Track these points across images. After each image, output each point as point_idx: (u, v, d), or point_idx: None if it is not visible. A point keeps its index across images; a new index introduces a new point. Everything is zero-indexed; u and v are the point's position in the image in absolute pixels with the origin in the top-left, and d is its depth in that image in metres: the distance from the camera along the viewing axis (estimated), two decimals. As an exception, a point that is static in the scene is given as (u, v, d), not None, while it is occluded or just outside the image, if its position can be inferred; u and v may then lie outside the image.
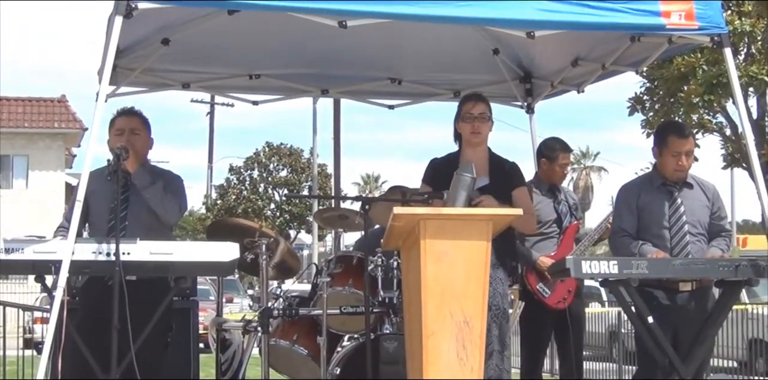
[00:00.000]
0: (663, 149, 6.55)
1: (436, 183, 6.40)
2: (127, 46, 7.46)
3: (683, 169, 6.55)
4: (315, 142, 31.50)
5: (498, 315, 6.47)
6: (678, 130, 6.64)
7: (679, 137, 6.54)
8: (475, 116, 6.55)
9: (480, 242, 5.60)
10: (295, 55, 8.21)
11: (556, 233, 7.88)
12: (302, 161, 43.94)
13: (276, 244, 7.37)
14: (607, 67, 7.61)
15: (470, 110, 6.57)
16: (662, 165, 6.58)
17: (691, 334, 6.28)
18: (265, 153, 44.80)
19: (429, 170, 6.69)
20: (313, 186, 34.61)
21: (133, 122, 6.40)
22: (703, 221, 6.56)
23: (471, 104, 6.61)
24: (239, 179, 44.80)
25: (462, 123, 6.58)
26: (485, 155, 6.64)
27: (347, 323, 7.12)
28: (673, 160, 6.52)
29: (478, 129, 6.56)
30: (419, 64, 8.55)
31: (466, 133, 6.58)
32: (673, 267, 5.97)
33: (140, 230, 6.12)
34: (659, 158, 6.60)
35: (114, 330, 5.45)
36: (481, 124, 6.56)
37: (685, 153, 6.53)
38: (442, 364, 5.49)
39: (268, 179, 44.32)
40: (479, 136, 6.58)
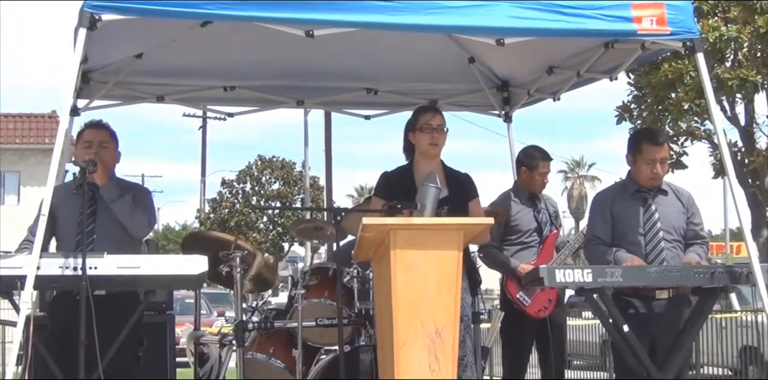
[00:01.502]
0: (637, 156, 6.49)
1: (390, 197, 6.32)
2: (100, 59, 7.42)
3: (658, 177, 6.49)
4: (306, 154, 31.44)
5: (469, 326, 6.51)
6: (652, 137, 6.58)
7: (653, 145, 6.48)
8: (434, 127, 6.51)
9: (451, 251, 5.54)
10: (270, 66, 8.17)
11: (537, 242, 7.82)
12: (294, 173, 43.89)
13: (252, 257, 7.30)
14: (582, 74, 7.56)
15: (429, 120, 6.52)
16: (636, 173, 6.52)
17: (669, 342, 6.23)
18: (258, 166, 44.75)
19: (381, 184, 6.62)
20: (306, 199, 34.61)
21: (101, 135, 6.33)
22: (678, 227, 6.50)
23: (430, 115, 6.56)
24: (232, 192, 44.73)
25: (420, 134, 6.52)
26: (440, 166, 6.61)
27: (325, 335, 7.05)
28: (648, 167, 6.46)
29: (437, 140, 6.52)
30: (395, 74, 8.50)
31: (424, 144, 6.52)
32: (648, 275, 5.92)
33: (108, 243, 6.06)
34: (633, 166, 6.55)
35: (81, 345, 5.37)
36: (440, 135, 6.52)
37: (660, 161, 6.47)
38: (414, 376, 5.42)
39: (260, 192, 44.26)
40: (437, 147, 6.55)
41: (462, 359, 6.38)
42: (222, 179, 45.37)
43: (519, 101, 8.61)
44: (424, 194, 6.12)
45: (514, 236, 7.79)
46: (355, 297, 6.97)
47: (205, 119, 48.02)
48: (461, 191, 6.56)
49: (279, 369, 7.13)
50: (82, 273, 5.41)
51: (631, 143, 6.57)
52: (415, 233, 5.51)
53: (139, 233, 6.28)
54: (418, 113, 6.62)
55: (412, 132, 6.55)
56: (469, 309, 6.54)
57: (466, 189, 6.63)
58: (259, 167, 44.70)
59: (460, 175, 6.68)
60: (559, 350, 7.85)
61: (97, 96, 7.92)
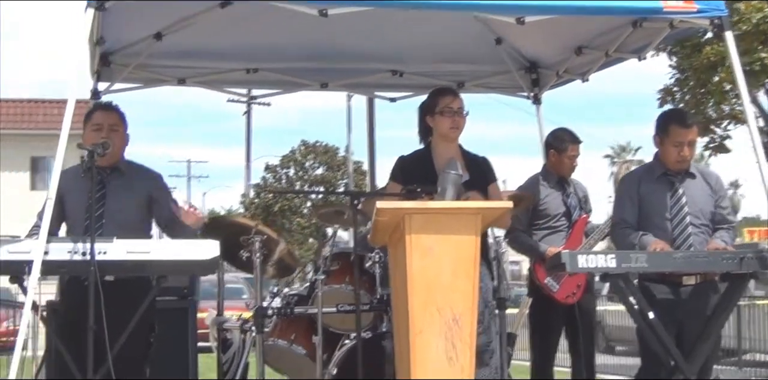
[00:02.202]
0: (664, 138, 6.31)
1: (408, 181, 6.16)
2: (117, 40, 7.34)
3: (685, 160, 6.31)
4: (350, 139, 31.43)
5: (492, 311, 6.36)
6: (680, 119, 6.39)
7: (681, 127, 6.29)
8: (455, 110, 6.36)
9: (468, 236, 5.40)
10: (293, 48, 8.03)
11: (565, 226, 7.67)
12: (338, 158, 43.77)
13: (275, 244, 7.19)
14: (610, 54, 7.40)
15: (450, 103, 6.36)
16: (664, 155, 6.35)
17: (696, 330, 6.05)
18: (301, 151, 44.67)
19: (398, 169, 6.45)
20: (349, 184, 34.55)
21: (111, 118, 6.18)
22: (706, 211, 6.32)
23: (450, 97, 6.41)
24: (275, 177, 44.69)
25: (440, 117, 6.36)
26: (458, 150, 6.46)
27: (346, 321, 6.91)
28: (675, 150, 6.28)
29: (458, 124, 6.37)
30: (421, 56, 8.34)
31: (444, 128, 6.37)
32: (673, 261, 5.74)
33: (117, 228, 5.94)
34: (660, 148, 6.37)
35: (90, 330, 5.27)
36: (461, 119, 6.37)
37: (688, 143, 6.29)
38: (431, 364, 5.29)
39: (303, 177, 44.18)
40: (457, 131, 6.40)
41: (488, 345, 6.26)
42: (266, 164, 45.35)
43: (548, 83, 8.44)
44: (445, 181, 5.99)
45: (542, 221, 7.65)
46: (377, 282, 6.84)
47: (249, 105, 47.98)
48: (480, 175, 6.42)
49: (300, 355, 7.01)
50: (91, 258, 5.31)
51: (658, 124, 6.38)
52: (430, 218, 5.37)
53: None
54: (437, 96, 6.46)
55: (431, 115, 6.39)
56: (491, 296, 6.39)
57: (485, 173, 6.48)
58: (302, 152, 44.62)
59: (478, 158, 6.53)
60: (589, 336, 7.68)
61: (118, 79, 7.84)
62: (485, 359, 6.24)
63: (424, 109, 6.47)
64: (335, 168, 43.79)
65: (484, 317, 6.26)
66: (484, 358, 6.23)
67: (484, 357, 6.23)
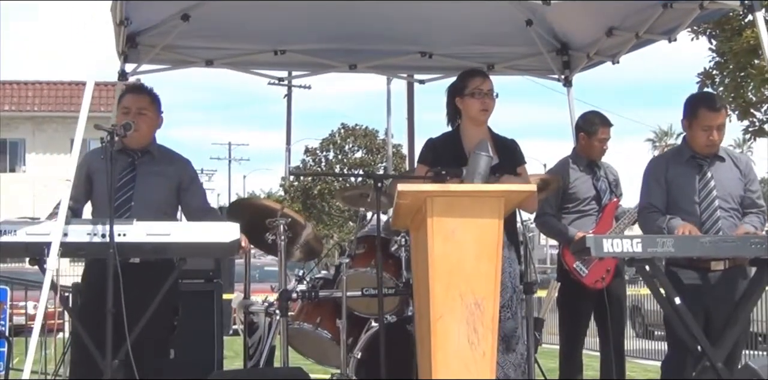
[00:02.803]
0: (693, 121, 6.21)
1: (437, 164, 6.09)
2: (145, 21, 7.30)
3: (714, 144, 6.22)
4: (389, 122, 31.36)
5: (519, 297, 6.31)
6: (709, 102, 6.28)
7: (710, 110, 6.19)
8: (485, 92, 6.28)
9: (491, 220, 5.30)
10: (322, 29, 7.97)
11: (595, 210, 7.58)
12: (377, 141, 43.64)
13: (300, 227, 7.16)
14: (640, 36, 7.30)
15: (479, 85, 6.28)
16: (692, 139, 6.26)
17: (724, 316, 5.95)
18: (341, 134, 44.59)
19: (428, 151, 6.38)
20: (388, 167, 34.45)
21: (140, 101, 6.13)
22: (735, 195, 6.24)
23: (479, 79, 6.33)
24: (315, 160, 44.65)
25: (470, 99, 6.28)
26: (487, 132, 6.39)
27: (371, 305, 6.86)
28: (704, 134, 6.18)
29: (488, 106, 6.29)
30: (450, 38, 8.24)
31: (474, 110, 6.29)
32: (701, 245, 5.61)
33: (146, 210, 5.92)
34: (689, 131, 6.27)
35: (108, 313, 5.24)
36: (491, 101, 6.30)
37: (717, 127, 6.19)
38: (452, 349, 5.21)
39: (343, 160, 44.10)
40: (487, 113, 6.32)
41: (515, 330, 6.20)
42: (305, 147, 45.32)
43: (579, 65, 8.32)
44: (475, 163, 5.93)
45: (571, 205, 7.55)
46: (403, 266, 6.78)
47: (290, 88, 48.01)
48: (510, 158, 6.36)
49: (326, 339, 6.98)
50: (110, 240, 5.27)
51: (687, 108, 6.28)
52: (452, 201, 5.28)
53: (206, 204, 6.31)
54: (466, 78, 6.38)
55: (460, 97, 6.32)
56: (519, 281, 6.32)
57: (514, 155, 6.42)
58: (342, 135, 44.54)
59: (507, 141, 6.46)
60: (618, 322, 7.58)
61: (145, 60, 7.81)
62: (512, 345, 6.19)
63: (452, 91, 6.40)
64: (374, 151, 43.70)
65: (512, 302, 6.20)
66: (510, 344, 6.18)
67: (510, 343, 6.18)
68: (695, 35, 17.56)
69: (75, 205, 6.17)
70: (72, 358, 6.05)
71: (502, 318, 6.13)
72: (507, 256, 6.21)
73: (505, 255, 6.19)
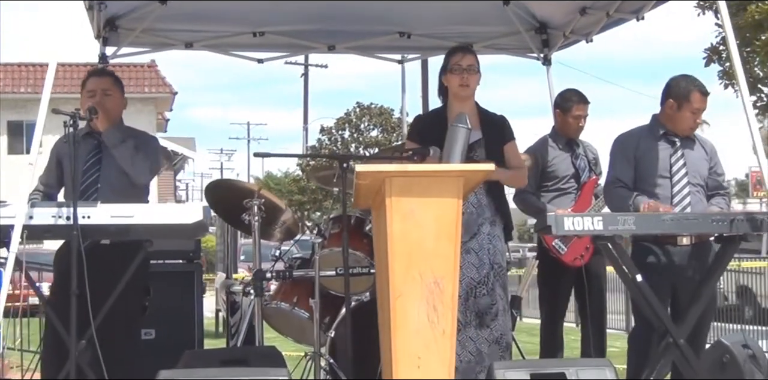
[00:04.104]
0: (684, 104, 6.27)
1: (424, 139, 6.19)
2: (124, 5, 7.37)
3: (697, 126, 6.38)
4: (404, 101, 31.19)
5: (500, 273, 6.32)
6: (702, 86, 6.37)
7: (702, 94, 6.30)
8: (464, 67, 6.32)
9: (450, 199, 5.32)
10: (300, 10, 7.99)
11: (574, 188, 7.61)
12: (393, 120, 43.66)
13: (279, 212, 7.22)
14: (611, 14, 7.34)
15: (459, 61, 6.33)
16: (678, 120, 6.33)
17: (689, 292, 6.00)
18: (356, 113, 44.64)
19: (414, 127, 6.49)
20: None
21: (104, 83, 6.24)
22: (702, 174, 6.35)
23: (459, 55, 6.37)
24: (331, 139, 44.74)
25: (450, 75, 6.35)
26: (474, 109, 6.42)
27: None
28: (692, 117, 6.31)
29: (467, 81, 6.33)
30: (428, 17, 8.27)
31: (454, 85, 6.35)
32: (662, 223, 5.62)
33: (112, 192, 6.01)
34: (676, 113, 6.32)
35: (72, 294, 5.30)
36: (470, 76, 6.32)
37: (702, 111, 6.30)
38: (412, 327, 5.25)
39: (359, 139, 44.17)
40: (467, 89, 6.35)
41: (491, 307, 6.24)
42: (321, 127, 45.41)
43: (556, 44, 8.37)
44: (452, 135, 5.98)
45: (550, 183, 7.58)
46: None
47: (306, 67, 48.05)
48: (496, 134, 6.39)
49: (303, 318, 7.04)
50: (73, 222, 5.34)
51: (676, 89, 6.33)
52: (411, 181, 5.30)
53: (140, 179, 6.18)
54: (448, 55, 6.44)
55: (444, 74, 6.39)
56: (501, 257, 6.36)
57: (502, 132, 6.44)
58: (357, 114, 44.60)
59: (496, 117, 6.49)
60: (597, 300, 7.61)
61: (125, 43, 7.87)
62: (486, 321, 6.24)
63: (441, 68, 6.48)
64: (390, 130, 43.73)
65: (489, 279, 6.25)
66: (485, 320, 6.23)
67: (485, 319, 6.23)
68: (702, 10, 17.51)
69: (49, 190, 6.28)
70: (44, 338, 6.13)
71: (478, 294, 6.20)
72: (488, 233, 6.27)
73: (486, 232, 6.25)
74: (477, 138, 6.26)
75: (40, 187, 6.28)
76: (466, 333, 6.18)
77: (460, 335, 6.12)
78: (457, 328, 6.01)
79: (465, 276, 6.17)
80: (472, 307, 6.21)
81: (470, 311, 6.20)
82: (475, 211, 6.28)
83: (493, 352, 6.20)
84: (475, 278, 6.21)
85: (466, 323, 6.19)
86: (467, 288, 6.19)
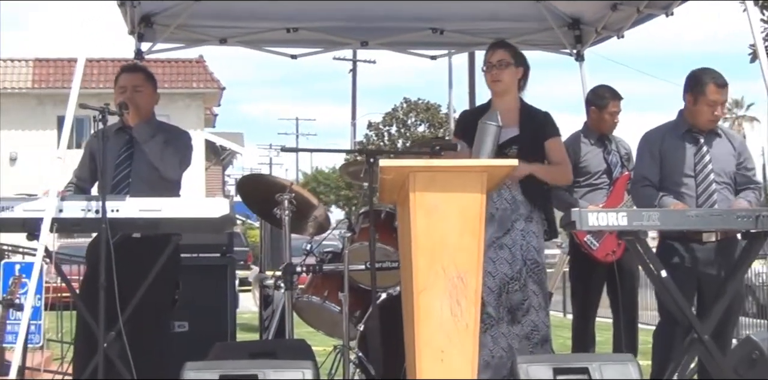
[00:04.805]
0: (699, 96, 6.26)
1: (467, 135, 6.24)
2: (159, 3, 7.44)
3: (717, 119, 6.33)
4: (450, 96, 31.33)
5: (534, 270, 6.31)
6: (718, 78, 6.32)
7: (717, 86, 6.26)
8: (493, 63, 6.36)
9: (474, 194, 5.36)
10: (333, 6, 8.05)
11: (606, 184, 7.61)
12: (440, 116, 43.64)
13: (311, 207, 7.28)
14: (641, 10, 7.35)
15: (489, 57, 6.40)
16: (695, 114, 6.29)
17: (715, 288, 6.00)
18: (403, 109, 44.67)
19: (459, 123, 6.57)
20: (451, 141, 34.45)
21: (135, 79, 6.34)
22: (728, 170, 6.30)
23: (490, 52, 6.43)
24: (378, 135, 44.81)
25: (484, 72, 6.41)
26: (515, 104, 6.43)
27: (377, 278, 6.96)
28: (709, 110, 6.25)
29: (497, 77, 6.36)
30: (461, 14, 8.28)
31: (488, 82, 6.42)
32: (687, 219, 5.62)
33: (143, 186, 6.10)
34: (693, 107, 6.30)
35: (101, 287, 5.39)
36: (500, 71, 6.35)
37: (721, 103, 6.28)
38: (435, 321, 5.29)
39: (405, 134, 44.20)
40: (499, 84, 6.38)
41: (522, 303, 6.26)
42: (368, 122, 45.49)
43: (588, 40, 8.38)
44: (480, 133, 6.01)
45: (582, 178, 7.59)
46: (405, 239, 6.86)
47: (354, 63, 48.10)
48: (535, 130, 6.39)
49: (334, 311, 7.09)
50: (102, 216, 5.42)
51: (693, 82, 6.32)
52: (435, 176, 5.34)
53: (169, 174, 6.24)
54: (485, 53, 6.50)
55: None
56: (537, 254, 6.36)
57: (543, 128, 6.44)
58: (404, 110, 44.63)
59: (538, 113, 6.49)
60: (630, 296, 7.62)
61: (160, 39, 7.97)
62: (518, 317, 6.26)
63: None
64: (437, 125, 43.73)
65: (521, 274, 6.27)
66: (516, 316, 6.25)
67: (517, 315, 6.25)
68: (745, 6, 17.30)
69: (82, 184, 6.39)
70: (76, 330, 6.24)
71: (510, 289, 6.23)
72: (522, 229, 6.29)
73: (519, 228, 6.27)
74: (513, 135, 6.28)
75: (74, 180, 6.42)
76: (498, 329, 6.20)
77: (493, 330, 6.16)
78: (490, 324, 6.11)
79: (498, 272, 6.21)
80: (505, 303, 6.23)
81: (503, 306, 6.22)
82: (510, 207, 6.30)
83: (524, 348, 6.21)
84: (508, 274, 6.23)
85: (499, 318, 6.21)
86: (500, 283, 6.22)
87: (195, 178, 35.57)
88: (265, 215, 7.32)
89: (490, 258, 6.19)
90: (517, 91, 6.45)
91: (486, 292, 6.12)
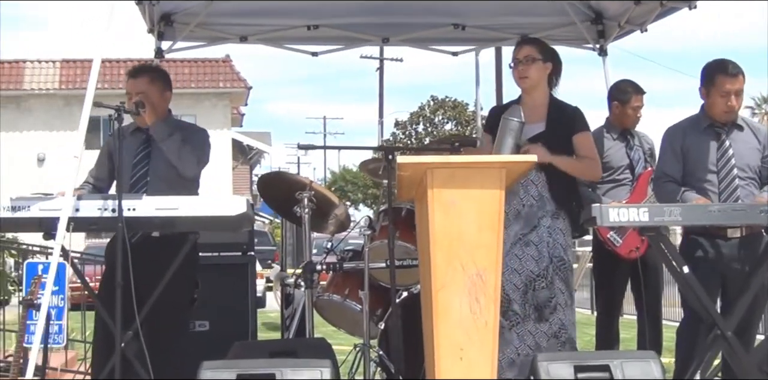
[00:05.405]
0: (710, 88, 6.17)
1: (495, 131, 6.18)
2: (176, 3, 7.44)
3: (732, 110, 6.18)
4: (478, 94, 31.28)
5: (560, 267, 6.23)
6: (726, 68, 6.22)
7: (726, 76, 6.14)
8: (520, 59, 6.31)
9: (492, 190, 5.30)
10: (354, 3, 8.03)
11: (629, 179, 7.55)
12: (467, 114, 43.56)
13: (332, 206, 7.24)
14: (664, 3, 7.29)
15: (516, 54, 6.35)
16: (710, 106, 6.21)
17: (739, 284, 5.92)
18: (430, 107, 44.61)
19: (489, 118, 6.48)
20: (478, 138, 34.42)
21: (138, 85, 6.23)
22: (753, 165, 6.20)
23: (517, 48, 6.40)
24: (405, 133, 44.76)
25: (512, 69, 6.36)
26: (544, 100, 6.37)
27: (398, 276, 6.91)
28: (722, 100, 6.14)
29: (524, 73, 6.30)
30: (483, 9, 8.23)
31: (515, 78, 6.36)
32: (709, 214, 5.54)
33: (161, 185, 6.08)
34: (707, 99, 6.23)
35: (117, 286, 5.37)
36: (527, 67, 6.29)
37: (735, 93, 6.15)
38: (454, 318, 5.24)
39: (433, 132, 44.13)
40: (526, 80, 6.32)
41: (549, 300, 6.19)
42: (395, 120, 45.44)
43: (611, 34, 8.29)
44: (504, 128, 5.98)
45: (605, 174, 7.47)
46: (425, 237, 6.81)
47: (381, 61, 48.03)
48: (563, 126, 6.32)
49: (355, 310, 7.05)
50: (118, 215, 5.40)
51: (703, 75, 6.24)
52: (453, 172, 5.29)
53: (187, 172, 6.19)
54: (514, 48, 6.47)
55: None
56: (563, 251, 6.27)
57: (571, 123, 6.36)
58: (431, 108, 44.57)
59: (567, 108, 6.42)
60: (654, 293, 7.53)
61: (180, 37, 7.95)
62: (545, 314, 6.19)
63: None
64: (464, 123, 43.66)
65: (548, 272, 6.20)
66: (544, 313, 6.18)
67: (544, 313, 6.18)
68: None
69: (99, 183, 6.37)
70: (95, 329, 6.22)
71: (537, 287, 6.16)
72: (548, 226, 6.22)
73: (546, 225, 6.21)
74: (539, 131, 6.23)
75: (90, 179, 6.38)
76: (525, 326, 6.14)
77: (518, 328, 6.11)
78: (516, 321, 6.06)
79: (524, 269, 6.15)
80: (531, 300, 6.16)
81: (529, 304, 6.15)
82: (536, 204, 6.24)
83: (552, 346, 6.14)
84: (534, 271, 6.16)
85: (526, 316, 6.14)
86: (526, 280, 6.16)
87: (222, 177, 35.68)
88: (286, 214, 7.29)
89: (515, 255, 6.15)
90: (546, 87, 6.38)
91: (512, 289, 6.08)
